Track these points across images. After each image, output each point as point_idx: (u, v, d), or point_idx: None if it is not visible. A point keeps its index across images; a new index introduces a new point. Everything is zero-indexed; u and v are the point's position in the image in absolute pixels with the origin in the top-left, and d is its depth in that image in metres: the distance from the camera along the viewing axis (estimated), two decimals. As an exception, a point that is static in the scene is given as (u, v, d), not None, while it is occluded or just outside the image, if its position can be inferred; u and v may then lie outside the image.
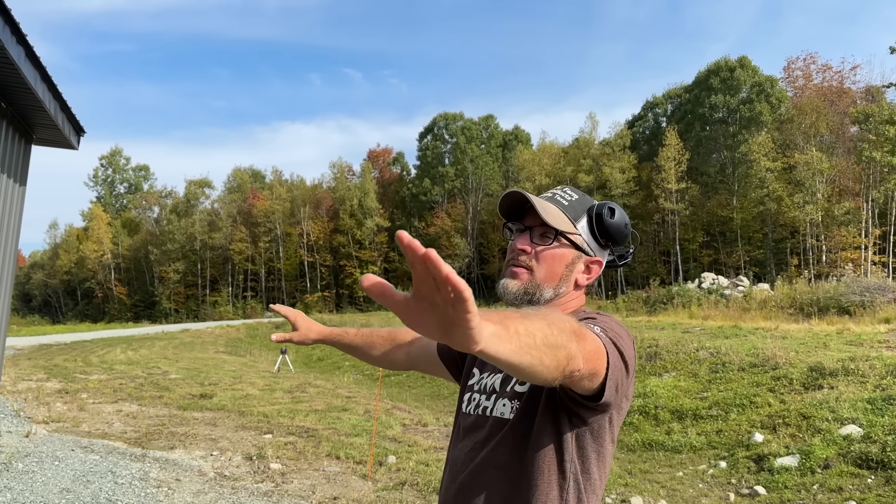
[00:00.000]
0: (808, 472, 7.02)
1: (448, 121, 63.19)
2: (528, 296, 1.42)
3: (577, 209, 1.46)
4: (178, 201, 71.07)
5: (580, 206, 1.47)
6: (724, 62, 47.71)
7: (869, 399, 8.19)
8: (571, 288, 1.46)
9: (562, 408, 1.30)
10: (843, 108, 39.12)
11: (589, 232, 1.46)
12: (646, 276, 45.35)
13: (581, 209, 1.46)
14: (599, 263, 1.48)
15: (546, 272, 1.42)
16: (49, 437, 7.95)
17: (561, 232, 1.42)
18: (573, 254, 1.45)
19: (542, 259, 1.43)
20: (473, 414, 1.46)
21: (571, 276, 1.45)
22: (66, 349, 23.18)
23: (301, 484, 6.35)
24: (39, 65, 5.77)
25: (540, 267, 1.42)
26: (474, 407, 1.48)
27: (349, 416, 10.20)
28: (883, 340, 11.82)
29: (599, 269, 1.48)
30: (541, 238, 1.43)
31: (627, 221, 1.49)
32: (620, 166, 47.41)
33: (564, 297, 1.45)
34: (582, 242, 1.45)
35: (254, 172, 75.67)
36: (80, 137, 7.50)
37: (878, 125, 32.18)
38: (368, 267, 60.50)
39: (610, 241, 1.47)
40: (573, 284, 1.46)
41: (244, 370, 17.29)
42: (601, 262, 1.48)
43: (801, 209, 37.19)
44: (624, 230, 1.47)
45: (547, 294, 1.42)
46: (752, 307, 22.18)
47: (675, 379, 11.21)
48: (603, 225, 1.44)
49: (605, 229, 1.44)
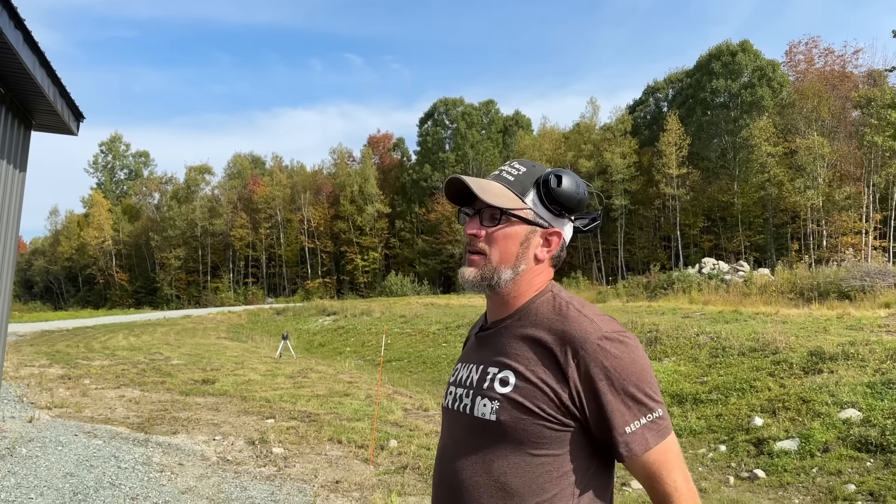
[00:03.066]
0: (808, 456, 7.06)
1: (448, 106, 62.96)
2: (486, 280, 1.39)
3: (525, 182, 1.41)
4: (178, 187, 71.02)
5: (528, 179, 1.41)
6: (726, 46, 47.44)
7: (869, 383, 8.21)
8: (532, 264, 1.41)
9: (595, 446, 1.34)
10: (844, 92, 38.94)
11: (540, 203, 1.40)
12: (646, 261, 45.37)
13: (529, 181, 1.41)
14: (558, 234, 1.43)
15: (500, 253, 1.39)
16: (52, 423, 7.99)
17: (506, 210, 1.38)
18: (526, 229, 1.40)
19: (493, 241, 1.39)
20: (453, 408, 1.44)
21: (528, 252, 1.40)
22: (69, 335, 23.25)
23: (303, 468, 6.39)
24: (38, 50, 5.74)
25: (493, 249, 1.39)
26: (452, 400, 1.45)
27: (351, 400, 10.24)
28: (883, 325, 11.84)
29: (559, 240, 1.43)
30: (490, 220, 1.39)
31: (580, 186, 1.41)
32: (621, 151, 47.31)
33: (526, 274, 1.41)
34: (533, 216, 1.40)
35: (254, 158, 75.56)
36: (79, 123, 7.47)
37: (880, 109, 32.06)
38: (369, 253, 60.49)
39: (564, 209, 1.41)
40: (532, 260, 1.41)
41: (246, 356, 17.35)
42: (559, 232, 1.43)
43: (801, 194, 37.13)
44: (575, 195, 1.40)
45: (505, 275, 1.39)
46: (752, 292, 22.20)
47: (675, 363, 11.25)
48: (551, 194, 1.38)
49: (555, 198, 1.38)
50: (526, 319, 1.38)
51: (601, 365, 1.26)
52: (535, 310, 1.38)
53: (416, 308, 27.35)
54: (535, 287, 1.42)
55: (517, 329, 1.38)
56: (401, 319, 23.74)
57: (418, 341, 19.27)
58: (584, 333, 1.29)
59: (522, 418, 1.28)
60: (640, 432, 1.27)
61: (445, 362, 16.00)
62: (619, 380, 1.26)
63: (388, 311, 27.49)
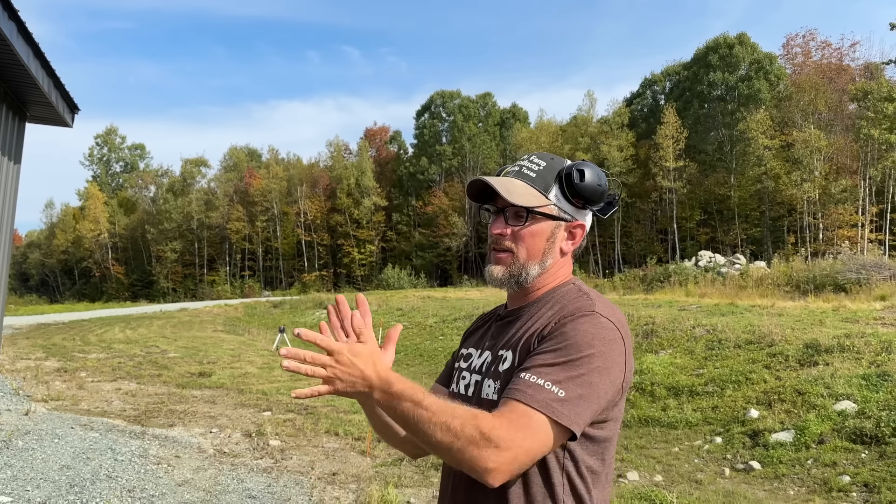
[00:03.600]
0: (803, 448, 7.09)
1: (445, 99, 62.81)
2: (515, 277, 1.41)
3: (547, 178, 1.41)
4: (174, 180, 70.81)
5: (549, 174, 1.41)
6: (724, 39, 47.37)
7: (864, 375, 8.24)
8: (558, 257, 1.44)
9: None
10: (841, 85, 38.95)
11: (563, 198, 1.41)
12: (643, 254, 45.42)
13: (550, 177, 1.41)
14: (582, 227, 1.44)
15: (527, 251, 1.40)
16: (48, 415, 7.98)
17: (532, 209, 1.39)
18: (551, 225, 1.41)
19: (520, 239, 1.40)
20: (466, 393, 1.45)
21: (555, 246, 1.43)
22: (65, 328, 23.21)
23: (300, 460, 6.40)
24: (32, 41, 5.70)
25: (520, 247, 1.40)
26: (465, 386, 1.47)
27: (347, 393, 10.23)
28: (878, 317, 11.88)
29: (583, 232, 1.45)
30: (515, 218, 1.40)
31: (601, 176, 1.42)
32: (618, 144, 47.28)
33: (552, 268, 1.44)
34: (558, 212, 1.41)
35: (250, 151, 75.30)
36: (74, 115, 7.43)
37: (877, 102, 32.10)
38: (366, 246, 60.42)
39: (587, 201, 1.42)
40: (558, 254, 1.44)
41: (243, 349, 17.34)
42: (583, 224, 1.45)
43: (798, 187, 37.18)
44: (599, 187, 1.41)
45: (533, 271, 1.41)
46: (748, 285, 22.25)
47: (671, 356, 11.27)
48: (575, 189, 1.39)
49: (579, 192, 1.39)
50: (544, 306, 1.40)
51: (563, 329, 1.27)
52: (555, 297, 1.41)
53: (413, 301, 27.35)
54: (558, 278, 1.45)
55: (534, 315, 1.40)
56: (398, 312, 23.74)
57: (415, 334, 19.28)
58: (575, 308, 1.31)
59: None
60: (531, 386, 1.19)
61: (442, 355, 16.02)
62: (566, 346, 1.24)
63: (385, 304, 27.49)
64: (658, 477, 6.78)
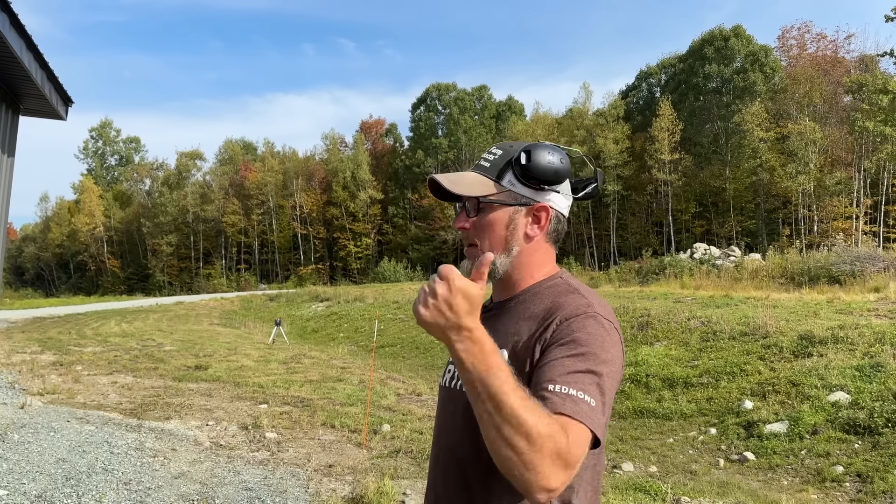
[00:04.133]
0: (797, 438, 7.13)
1: (441, 91, 62.65)
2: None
3: (500, 164, 1.39)
4: (169, 173, 70.58)
5: (503, 161, 1.39)
6: (719, 31, 47.33)
7: (857, 366, 8.29)
8: (525, 243, 1.40)
9: None
10: (836, 77, 38.96)
11: (518, 182, 1.38)
12: (638, 246, 45.49)
13: (503, 163, 1.39)
14: (545, 209, 1.40)
15: (489, 241, 1.38)
16: (44, 409, 7.98)
17: (481, 198, 1.37)
18: (509, 211, 1.38)
19: (480, 230, 1.39)
20: (450, 386, 1.44)
21: (517, 233, 1.39)
22: (60, 322, 23.18)
23: (296, 452, 6.41)
24: (25, 33, 5.67)
25: (482, 238, 1.39)
26: (451, 379, 1.45)
27: (344, 386, 10.26)
28: (872, 309, 11.94)
29: (548, 214, 1.40)
30: (473, 209, 1.39)
31: (555, 155, 1.38)
32: (614, 137, 47.27)
33: (521, 255, 1.40)
34: (513, 197, 1.38)
35: (245, 144, 75.09)
36: (67, 108, 7.41)
37: (872, 94, 32.05)
38: (362, 239, 60.37)
39: (543, 182, 1.37)
40: (524, 239, 1.40)
41: (239, 342, 17.35)
42: (545, 206, 1.40)
43: (793, 179, 37.24)
44: (550, 165, 1.36)
45: (501, 261, 1.38)
46: (743, 277, 22.30)
47: (666, 348, 11.31)
48: (525, 171, 1.36)
49: (530, 174, 1.36)
50: (531, 301, 1.37)
51: (572, 335, 1.22)
52: (542, 292, 1.38)
53: (410, 294, 27.37)
54: (536, 266, 1.41)
55: (521, 309, 1.37)
56: (394, 305, 23.77)
57: (411, 327, 19.31)
58: (575, 308, 1.27)
59: None
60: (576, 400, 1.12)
61: (438, 348, 16.05)
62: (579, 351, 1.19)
63: (382, 296, 27.51)
64: (653, 468, 6.82)
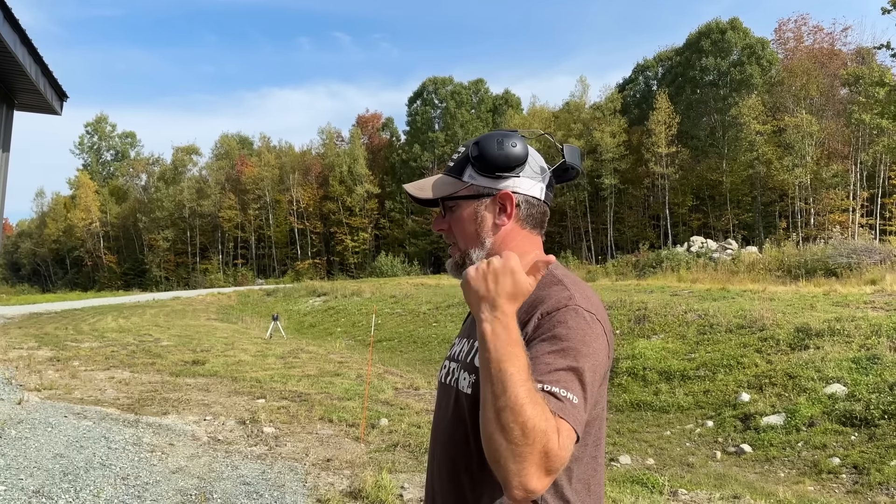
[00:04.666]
0: (794, 430, 7.16)
1: (437, 85, 62.53)
2: (461, 267, 1.40)
3: (460, 161, 1.41)
4: (165, 168, 70.41)
5: (462, 157, 1.41)
6: (716, 24, 47.28)
7: (854, 358, 8.31)
8: (492, 234, 1.38)
9: None
10: (833, 70, 38.95)
11: (477, 175, 1.38)
12: (635, 240, 45.53)
13: (463, 158, 1.41)
14: (508, 195, 1.37)
15: (463, 238, 1.40)
16: (41, 404, 7.97)
17: (444, 198, 1.40)
18: (472, 205, 1.39)
19: (453, 229, 1.42)
20: (446, 382, 1.44)
21: (485, 224, 1.38)
22: (57, 318, 23.14)
23: (294, 447, 6.42)
24: (18, 27, 5.64)
25: (458, 236, 1.41)
26: (446, 375, 1.45)
27: (341, 380, 10.27)
28: (868, 301, 11.97)
29: (512, 200, 1.37)
30: (446, 211, 1.43)
31: (505, 140, 1.35)
32: (611, 130, 47.23)
33: (495, 246, 1.38)
34: (474, 190, 1.38)
35: (241, 139, 74.90)
36: (62, 103, 7.37)
37: (868, 87, 32.04)
38: (359, 234, 60.31)
39: (500, 169, 1.36)
40: (492, 230, 1.38)
41: (236, 337, 17.33)
42: (509, 192, 1.37)
43: (790, 172, 37.26)
44: (500, 152, 1.34)
45: (476, 255, 1.38)
46: (740, 270, 22.36)
47: (663, 341, 11.33)
48: (478, 162, 1.36)
49: (484, 164, 1.36)
50: None
51: (553, 329, 1.19)
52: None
53: (407, 288, 27.38)
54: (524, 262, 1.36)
55: None
56: (391, 300, 23.77)
57: (409, 321, 19.31)
58: (557, 302, 1.24)
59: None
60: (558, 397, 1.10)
61: (436, 342, 16.06)
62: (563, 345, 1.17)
63: (379, 291, 27.51)
64: (650, 460, 6.84)
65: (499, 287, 1.10)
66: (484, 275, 1.12)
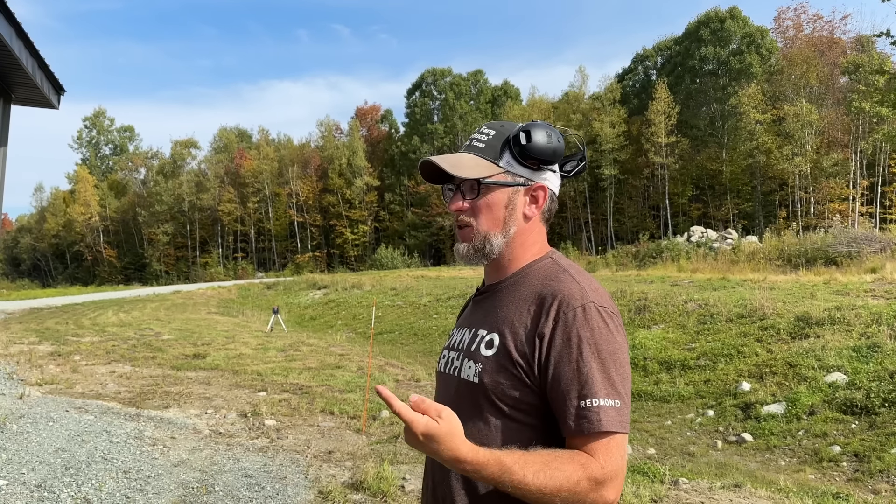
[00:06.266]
0: (794, 419, 7.17)
1: (436, 77, 62.32)
2: (479, 251, 1.39)
3: (496, 145, 1.39)
4: (164, 162, 70.28)
5: (498, 141, 1.39)
6: (715, 13, 47.11)
7: (854, 347, 8.32)
8: (522, 223, 1.40)
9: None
10: (833, 58, 38.85)
11: (515, 163, 1.38)
12: (635, 230, 45.51)
13: (499, 143, 1.39)
14: (543, 188, 1.40)
15: (486, 221, 1.38)
16: (43, 399, 7.98)
17: (481, 180, 1.37)
18: (508, 192, 1.39)
19: (477, 211, 1.38)
20: (445, 371, 1.44)
21: (516, 213, 1.39)
22: (58, 312, 23.15)
23: (296, 439, 6.43)
24: (14, 21, 5.60)
25: (479, 219, 1.38)
26: (445, 364, 1.45)
27: (342, 373, 10.28)
28: (869, 289, 11.97)
29: (545, 193, 1.41)
30: (469, 191, 1.39)
31: (552, 134, 1.38)
32: (610, 121, 47.12)
33: (518, 235, 1.40)
34: (512, 177, 1.38)
35: (240, 132, 74.73)
36: (59, 96, 7.33)
37: (868, 75, 31.92)
38: (359, 226, 60.24)
39: (541, 162, 1.38)
40: (521, 219, 1.40)
41: (237, 330, 17.35)
42: (543, 185, 1.41)
43: (789, 161, 37.20)
44: (549, 145, 1.37)
45: (497, 241, 1.38)
46: (740, 259, 22.36)
47: (663, 331, 11.34)
48: (525, 151, 1.36)
49: (529, 154, 1.36)
50: (522, 283, 1.37)
51: (577, 333, 1.23)
52: (532, 273, 1.37)
53: (407, 281, 27.38)
54: (528, 246, 1.41)
55: (512, 292, 1.37)
56: (391, 292, 23.77)
57: (409, 313, 19.32)
58: (570, 297, 1.26)
59: (501, 382, 1.27)
60: (596, 411, 1.18)
61: (436, 334, 16.07)
62: (592, 353, 1.21)
63: (379, 283, 27.51)
64: (651, 450, 6.85)
65: (441, 454, 1.14)
66: (426, 448, 1.16)
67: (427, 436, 1.13)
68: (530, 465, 1.14)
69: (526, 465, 1.14)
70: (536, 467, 1.14)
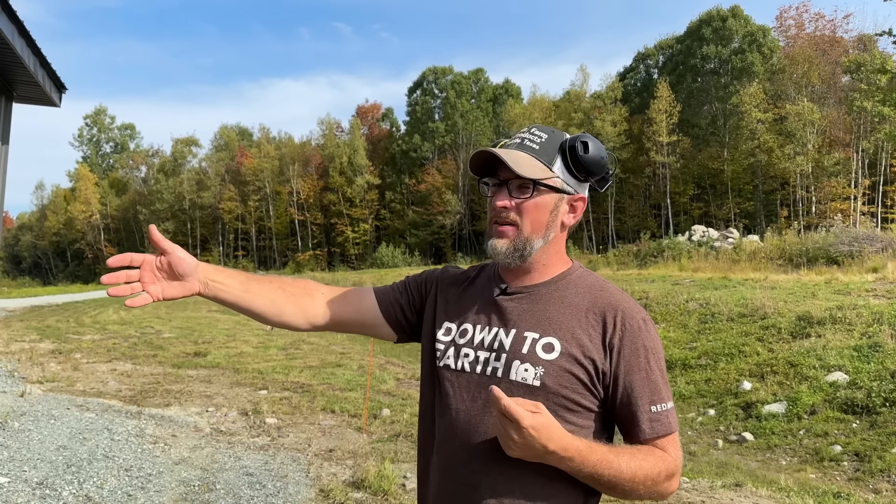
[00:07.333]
0: (795, 419, 7.16)
1: (438, 75, 62.26)
2: (519, 251, 1.39)
3: (550, 150, 1.39)
4: (165, 160, 70.31)
5: (552, 147, 1.40)
6: (717, 12, 47.04)
7: (855, 346, 8.31)
8: (559, 231, 1.43)
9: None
10: (834, 57, 38.78)
11: (566, 171, 1.39)
12: (636, 229, 45.47)
13: (553, 149, 1.39)
14: (583, 200, 1.44)
15: (531, 224, 1.38)
16: (44, 397, 7.98)
17: (538, 181, 1.36)
18: (555, 198, 1.40)
19: (524, 211, 1.38)
20: (473, 370, 1.39)
21: (557, 219, 1.41)
22: (58, 310, 23.17)
23: (297, 437, 6.43)
24: (16, 19, 5.60)
25: (525, 220, 1.38)
26: (472, 363, 1.40)
27: (343, 371, 10.28)
28: (870, 289, 11.96)
29: (584, 205, 1.45)
30: (519, 190, 1.38)
31: (602, 149, 1.41)
32: (612, 119, 47.06)
33: (554, 241, 1.43)
34: (561, 184, 1.39)
35: (241, 130, 74.72)
36: (61, 94, 7.33)
37: (870, 74, 31.92)
38: (360, 225, 60.23)
39: (589, 174, 1.41)
40: (560, 227, 1.43)
41: (238, 328, 17.35)
42: (584, 197, 1.44)
43: (791, 160, 37.15)
44: (601, 161, 1.40)
45: (537, 245, 1.39)
46: (741, 259, 22.33)
47: (664, 330, 11.33)
48: (579, 161, 1.38)
49: (583, 165, 1.38)
50: (566, 290, 1.41)
51: (643, 343, 1.34)
52: (574, 281, 1.43)
53: (408, 279, 27.33)
54: (560, 253, 1.47)
55: (558, 298, 1.40)
56: (392, 290, 23.73)
57: (410, 312, 19.30)
58: (632, 310, 1.37)
59: (566, 385, 1.31)
60: (665, 415, 1.33)
61: (437, 332, 16.05)
62: (656, 362, 1.35)
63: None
64: (652, 449, 6.85)
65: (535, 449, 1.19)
66: (520, 448, 1.20)
67: (536, 427, 1.17)
68: (622, 456, 1.26)
69: (619, 455, 1.26)
70: (626, 458, 1.26)
